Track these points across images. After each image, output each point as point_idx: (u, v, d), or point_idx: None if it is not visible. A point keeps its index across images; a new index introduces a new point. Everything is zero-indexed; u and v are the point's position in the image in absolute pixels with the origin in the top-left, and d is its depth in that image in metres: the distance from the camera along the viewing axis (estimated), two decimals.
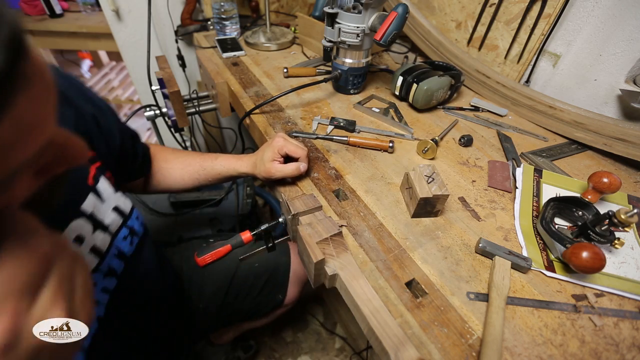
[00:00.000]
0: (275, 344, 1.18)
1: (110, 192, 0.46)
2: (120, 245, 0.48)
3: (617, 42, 0.67)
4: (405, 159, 0.66)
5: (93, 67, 2.62)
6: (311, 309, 1.27)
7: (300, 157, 0.55)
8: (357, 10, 0.70)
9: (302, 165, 0.55)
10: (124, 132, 0.53)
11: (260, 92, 0.81)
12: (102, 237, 0.44)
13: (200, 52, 0.98)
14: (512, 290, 0.45)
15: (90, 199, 0.42)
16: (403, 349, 0.37)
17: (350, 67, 0.78)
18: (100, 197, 0.44)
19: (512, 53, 0.82)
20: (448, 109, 0.81)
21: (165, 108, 0.92)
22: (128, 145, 0.54)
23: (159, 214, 1.04)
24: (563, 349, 0.39)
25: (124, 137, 0.52)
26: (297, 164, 0.55)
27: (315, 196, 0.52)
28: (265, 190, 1.42)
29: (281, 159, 0.55)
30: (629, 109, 0.70)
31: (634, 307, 0.44)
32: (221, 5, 0.98)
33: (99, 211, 0.43)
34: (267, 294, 0.79)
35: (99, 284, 0.44)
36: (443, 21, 0.94)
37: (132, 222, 0.51)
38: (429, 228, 0.52)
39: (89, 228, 0.42)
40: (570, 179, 0.62)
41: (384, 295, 0.43)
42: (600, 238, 0.46)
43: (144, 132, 2.02)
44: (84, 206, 0.41)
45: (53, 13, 1.45)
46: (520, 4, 0.75)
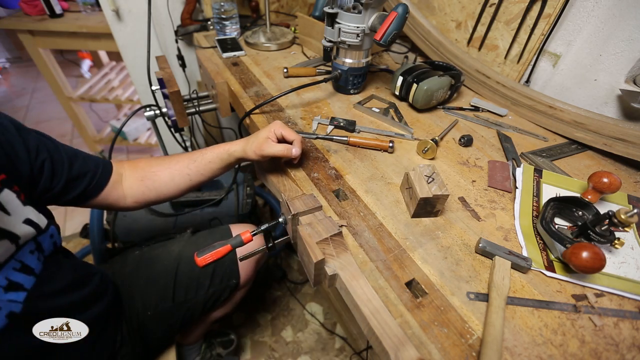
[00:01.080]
0: (275, 343, 1.18)
1: (16, 204, 0.45)
2: (24, 259, 0.46)
3: (617, 42, 0.67)
4: (405, 159, 0.66)
5: (93, 67, 2.62)
6: (311, 309, 1.27)
7: (294, 140, 0.56)
8: (357, 10, 0.70)
9: (295, 149, 0.56)
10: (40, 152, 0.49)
11: (260, 92, 0.81)
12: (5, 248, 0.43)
13: (200, 52, 0.98)
14: (512, 290, 0.45)
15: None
16: (403, 349, 0.37)
17: (350, 67, 0.78)
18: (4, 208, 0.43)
19: (512, 53, 0.82)
20: (448, 109, 0.81)
21: (165, 108, 0.92)
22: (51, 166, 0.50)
23: (158, 214, 1.04)
24: (563, 349, 0.39)
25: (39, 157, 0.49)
26: (290, 145, 0.56)
27: (315, 196, 0.52)
28: (265, 191, 1.42)
29: (275, 140, 0.56)
30: (629, 109, 0.70)
31: (634, 307, 0.44)
32: (221, 5, 0.98)
33: (4, 222, 0.43)
34: (219, 282, 0.78)
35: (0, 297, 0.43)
36: (443, 21, 0.94)
37: (42, 238, 0.49)
38: (429, 228, 0.52)
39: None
40: (570, 179, 0.62)
41: (384, 295, 0.43)
42: (600, 238, 0.46)
43: (144, 132, 2.02)
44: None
45: (53, 13, 1.45)
46: (520, 4, 0.75)
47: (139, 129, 1.99)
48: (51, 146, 0.51)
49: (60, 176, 0.51)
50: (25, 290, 0.46)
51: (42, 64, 1.58)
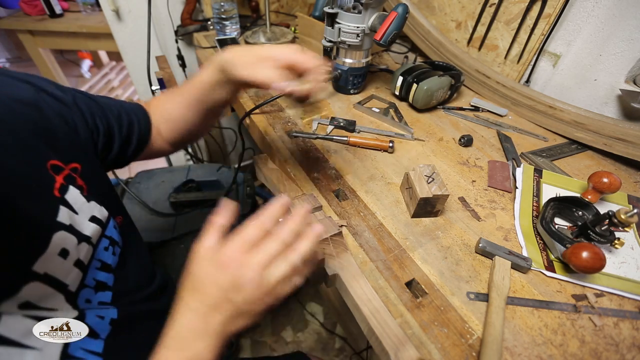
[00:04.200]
0: (275, 343, 1.18)
1: (82, 202, 0.41)
2: (102, 257, 0.44)
3: (617, 42, 0.67)
4: (405, 159, 0.66)
5: (93, 67, 2.62)
6: (311, 309, 1.27)
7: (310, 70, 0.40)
8: (357, 10, 0.70)
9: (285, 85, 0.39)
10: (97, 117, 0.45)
11: (260, 92, 0.81)
12: (87, 250, 0.40)
13: (200, 52, 0.98)
14: (512, 290, 0.45)
15: (64, 211, 0.37)
16: (403, 349, 0.37)
17: (350, 67, 0.78)
18: (72, 208, 0.39)
19: (512, 53, 0.82)
20: (448, 109, 0.81)
21: None
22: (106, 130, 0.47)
23: (159, 214, 1.04)
24: (563, 349, 0.39)
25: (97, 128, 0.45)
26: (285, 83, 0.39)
27: (315, 196, 0.52)
28: (265, 190, 1.42)
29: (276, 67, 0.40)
30: (629, 109, 0.70)
31: (634, 307, 0.44)
32: (221, 5, 0.98)
33: (76, 222, 0.39)
34: None
35: (93, 299, 0.41)
36: (443, 21, 0.94)
37: (109, 231, 0.46)
38: (429, 228, 0.52)
39: (73, 240, 0.38)
40: (570, 179, 0.62)
41: (384, 295, 0.43)
42: (600, 238, 0.46)
43: None
44: (60, 218, 0.37)
45: (53, 13, 1.45)
46: (520, 4, 0.75)
47: None
48: (96, 108, 0.47)
49: (116, 138, 0.48)
50: (110, 290, 0.44)
51: (42, 63, 1.59)
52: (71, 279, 0.37)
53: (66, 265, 0.37)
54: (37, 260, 0.32)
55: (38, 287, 0.33)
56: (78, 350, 0.35)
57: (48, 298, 0.34)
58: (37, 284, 0.32)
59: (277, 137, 0.68)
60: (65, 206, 0.38)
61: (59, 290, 0.35)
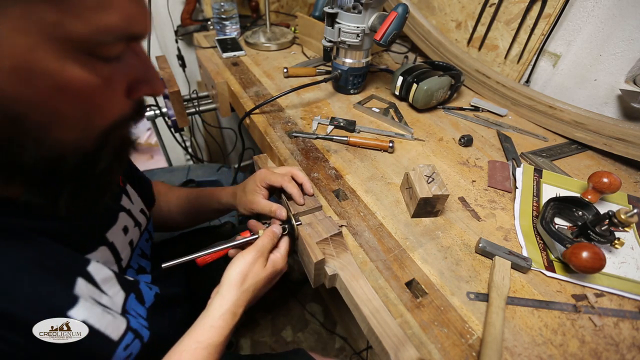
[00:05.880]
0: (275, 343, 1.18)
1: (135, 196, 0.51)
2: (142, 246, 0.51)
3: (617, 42, 0.67)
4: (405, 159, 0.66)
5: None
6: (311, 309, 1.27)
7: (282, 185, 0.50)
8: (357, 10, 0.70)
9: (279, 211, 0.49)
10: None
11: (260, 92, 0.81)
12: (137, 234, 0.49)
13: (200, 52, 0.98)
14: (512, 290, 0.45)
15: (125, 198, 0.47)
16: (403, 349, 0.37)
17: (350, 67, 0.78)
18: (130, 198, 0.49)
19: (512, 53, 0.82)
20: (448, 109, 0.81)
21: (165, 108, 0.92)
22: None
23: None
24: (563, 349, 0.39)
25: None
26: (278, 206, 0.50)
27: (315, 196, 0.52)
28: None
29: (265, 192, 0.52)
30: (629, 109, 0.70)
31: (634, 307, 0.44)
32: (221, 5, 0.98)
33: (133, 209, 0.48)
34: None
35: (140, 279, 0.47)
36: (443, 21, 0.94)
37: (150, 225, 0.55)
38: (429, 228, 0.52)
39: (131, 222, 0.47)
40: (570, 179, 0.62)
41: (384, 295, 0.43)
42: (600, 238, 0.46)
43: (144, 132, 2.01)
44: (123, 202, 0.46)
45: None
46: (520, 4, 0.75)
47: (139, 128, 1.99)
48: None
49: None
50: (148, 274, 0.51)
51: None
52: (125, 255, 0.45)
53: (124, 242, 0.45)
54: (109, 229, 0.42)
55: (106, 252, 0.41)
56: (132, 310, 0.41)
57: (109, 265, 0.40)
58: (106, 249, 0.40)
59: (277, 137, 0.68)
60: (126, 195, 0.48)
61: (116, 261, 0.42)
